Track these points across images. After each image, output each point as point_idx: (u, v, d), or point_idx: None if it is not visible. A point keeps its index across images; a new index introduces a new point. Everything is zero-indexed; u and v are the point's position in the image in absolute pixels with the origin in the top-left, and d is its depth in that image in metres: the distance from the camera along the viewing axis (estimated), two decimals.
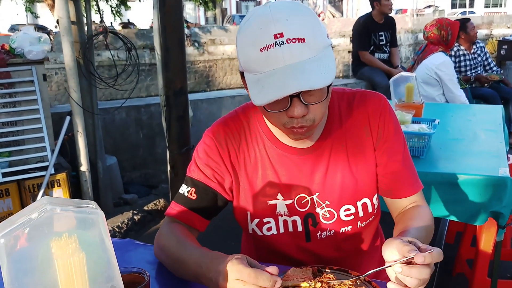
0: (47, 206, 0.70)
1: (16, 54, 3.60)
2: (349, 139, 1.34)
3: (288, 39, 1.05)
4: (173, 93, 3.77)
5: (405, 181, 1.38)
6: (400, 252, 0.99)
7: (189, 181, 1.36)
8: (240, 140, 1.35)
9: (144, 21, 28.13)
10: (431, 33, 4.26)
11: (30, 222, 0.69)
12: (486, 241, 2.45)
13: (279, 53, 1.06)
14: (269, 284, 0.94)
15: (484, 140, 2.66)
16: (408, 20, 19.61)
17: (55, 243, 0.72)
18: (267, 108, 1.14)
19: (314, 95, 1.12)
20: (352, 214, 1.36)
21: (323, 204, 1.34)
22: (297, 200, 1.34)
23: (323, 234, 1.38)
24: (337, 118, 1.34)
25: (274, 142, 1.34)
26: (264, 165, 1.34)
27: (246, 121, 1.37)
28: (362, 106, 1.35)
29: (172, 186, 4.00)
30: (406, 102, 2.90)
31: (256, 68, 1.10)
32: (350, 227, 1.38)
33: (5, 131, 3.59)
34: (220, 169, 1.34)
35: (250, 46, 1.10)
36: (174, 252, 1.25)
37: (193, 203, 1.34)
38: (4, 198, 3.45)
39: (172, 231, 1.32)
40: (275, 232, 1.37)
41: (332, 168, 1.33)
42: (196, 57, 18.95)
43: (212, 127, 1.39)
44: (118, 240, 1.52)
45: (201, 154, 1.36)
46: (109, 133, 4.80)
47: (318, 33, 1.10)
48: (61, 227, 0.72)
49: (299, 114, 1.11)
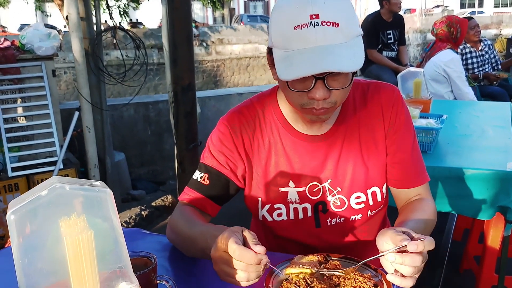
0: (57, 184, 0.71)
1: (26, 50, 3.64)
2: (362, 127, 1.36)
3: (323, 21, 1.07)
4: (181, 89, 3.78)
5: (412, 172, 1.39)
6: (393, 242, 1.00)
7: (202, 167, 1.38)
8: (255, 128, 1.37)
9: (153, 20, 28.20)
10: (440, 30, 4.24)
11: (40, 199, 0.70)
12: (493, 237, 2.44)
13: (313, 33, 1.08)
14: (253, 262, 0.95)
15: (492, 136, 2.65)
16: (417, 19, 19.54)
17: (64, 222, 0.73)
18: (291, 86, 1.15)
19: (338, 81, 1.14)
20: (362, 202, 1.37)
21: (334, 191, 1.36)
22: (309, 188, 1.36)
23: (333, 221, 1.39)
24: (351, 107, 1.36)
25: (288, 130, 1.35)
26: (277, 152, 1.36)
27: (261, 109, 1.38)
28: (376, 96, 1.37)
29: (180, 182, 4.02)
30: (414, 97, 2.89)
31: (287, 45, 1.12)
32: (360, 215, 1.39)
33: (15, 126, 3.62)
34: (233, 156, 1.36)
35: (284, 23, 1.11)
36: (184, 231, 1.28)
37: (206, 188, 1.36)
38: (14, 193, 3.49)
39: (183, 213, 1.35)
40: (285, 218, 1.39)
41: (345, 156, 1.35)
42: (204, 56, 18.98)
43: (227, 115, 1.40)
44: (126, 229, 1.52)
45: (215, 141, 1.37)
46: (117, 130, 4.83)
47: (352, 20, 1.12)
48: (70, 205, 0.73)
49: (321, 96, 1.13)
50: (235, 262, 0.96)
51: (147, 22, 27.87)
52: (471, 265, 2.92)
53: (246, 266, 0.96)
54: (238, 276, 0.97)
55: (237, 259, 0.96)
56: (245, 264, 0.96)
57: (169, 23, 3.63)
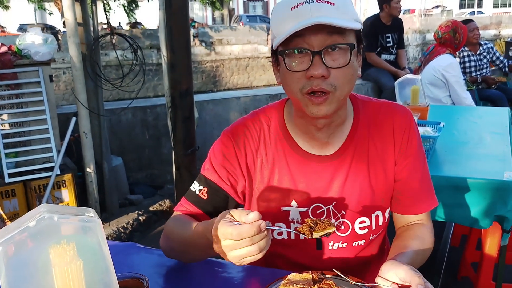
0: (45, 214, 0.70)
1: (23, 55, 3.62)
2: (371, 150, 1.32)
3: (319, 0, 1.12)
4: (179, 94, 3.77)
5: (420, 199, 1.36)
6: (407, 278, 0.99)
7: (202, 180, 1.35)
8: (259, 143, 1.33)
9: (152, 21, 28.17)
10: (446, 34, 4.23)
11: (27, 230, 0.69)
12: (491, 244, 2.43)
13: (307, 8, 1.11)
14: (254, 232, 0.94)
15: (490, 143, 2.65)
16: (416, 20, 19.52)
17: (53, 250, 0.73)
18: (289, 67, 1.16)
19: (336, 59, 1.14)
20: (366, 227, 1.34)
21: (338, 214, 1.32)
22: (312, 209, 1.32)
23: (335, 245, 1.36)
24: (361, 126, 1.33)
25: (294, 148, 1.32)
26: (281, 170, 1.32)
27: (266, 123, 1.35)
28: (389, 119, 1.33)
29: (178, 187, 4.01)
30: (412, 104, 2.89)
31: (283, 27, 1.14)
32: (363, 241, 1.37)
33: (12, 132, 3.61)
34: (235, 172, 1.33)
35: (283, 8, 1.16)
36: (181, 235, 1.25)
37: (203, 203, 1.34)
38: (10, 199, 3.48)
39: (177, 218, 1.33)
40: (286, 237, 1.35)
41: (352, 178, 1.31)
42: (203, 57, 18.96)
43: (231, 126, 1.37)
44: (120, 243, 1.52)
45: (217, 153, 1.34)
46: (115, 134, 4.82)
47: (349, 4, 1.16)
48: (58, 235, 0.72)
49: (319, 73, 1.12)
50: (238, 243, 0.95)
51: (146, 22, 27.85)
52: (468, 272, 2.92)
53: (251, 239, 0.95)
54: (249, 252, 0.96)
55: (237, 238, 0.95)
56: (248, 239, 0.95)
57: (166, 28, 3.62)
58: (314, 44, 1.12)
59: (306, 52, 1.13)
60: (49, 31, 20.47)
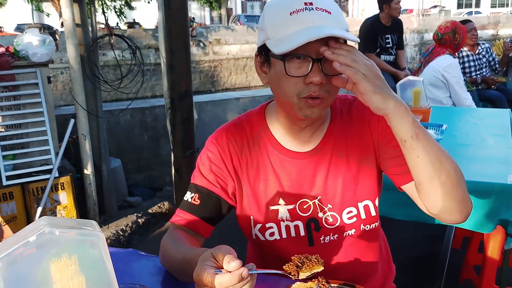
0: (46, 228, 0.68)
1: (21, 56, 3.59)
2: (349, 141, 1.35)
3: (317, 7, 1.14)
4: (178, 95, 3.75)
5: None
6: None
7: (192, 188, 1.37)
8: (243, 146, 1.37)
9: (150, 20, 28.16)
10: (446, 35, 4.22)
11: (28, 245, 0.67)
12: (493, 248, 2.41)
13: (309, 15, 1.13)
14: (235, 281, 0.92)
15: (492, 146, 2.63)
16: (414, 20, 19.55)
17: (54, 265, 0.70)
18: (288, 71, 1.15)
19: (332, 68, 1.13)
20: (354, 216, 1.35)
21: (325, 208, 1.35)
22: (299, 205, 1.35)
23: (327, 238, 1.37)
24: (338, 121, 1.37)
25: (277, 148, 1.35)
26: (266, 171, 1.35)
27: (249, 127, 1.39)
28: (361, 108, 1.35)
29: (177, 189, 3.98)
30: (413, 106, 2.86)
31: (283, 31, 1.15)
32: (353, 230, 1.37)
33: (10, 134, 3.58)
34: (223, 174, 1.35)
35: (279, 11, 1.17)
36: (173, 258, 1.25)
37: (197, 208, 1.35)
38: (8, 201, 3.44)
39: (173, 237, 1.33)
40: (278, 237, 1.37)
41: (333, 171, 1.34)
42: (201, 57, 18.97)
43: (215, 133, 1.40)
44: (121, 250, 1.50)
45: (204, 160, 1.37)
46: (114, 135, 4.79)
47: (341, 14, 1.20)
48: (60, 249, 0.70)
49: (318, 80, 1.14)
50: None
51: (144, 22, 27.83)
52: (470, 275, 2.90)
53: None
54: None
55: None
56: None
57: (165, 30, 3.60)
58: (314, 52, 1.14)
59: (306, 58, 1.15)
60: (47, 31, 20.42)
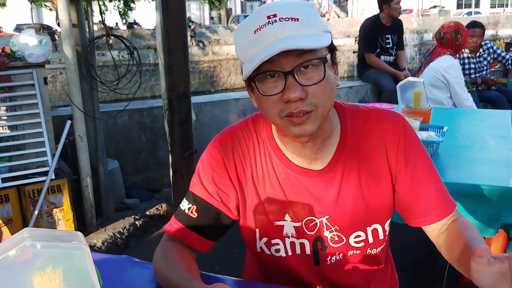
0: (27, 242, 0.64)
1: (17, 57, 3.55)
2: (362, 161, 1.24)
3: (281, 18, 1.04)
4: (176, 97, 3.71)
5: (439, 203, 1.26)
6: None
7: (190, 197, 1.29)
8: (249, 153, 1.26)
9: (149, 21, 28.12)
10: (448, 35, 4.18)
11: (7, 259, 0.63)
12: (495, 251, 2.36)
13: (271, 30, 1.04)
14: None
15: (494, 148, 2.59)
16: (414, 20, 19.55)
17: (37, 279, 0.67)
18: (264, 92, 1.08)
19: (311, 77, 1.07)
20: (362, 241, 1.28)
21: (332, 228, 1.26)
22: (305, 222, 1.26)
23: (333, 258, 1.30)
24: (350, 138, 1.24)
25: (284, 161, 1.24)
26: (271, 183, 1.25)
27: (256, 132, 1.28)
28: (378, 128, 1.24)
29: (175, 191, 3.94)
30: (414, 108, 2.83)
31: (250, 53, 1.07)
32: (358, 251, 1.31)
33: (5, 136, 3.54)
34: (225, 185, 1.26)
35: (245, 32, 1.09)
36: (165, 276, 1.21)
37: (193, 221, 1.27)
38: (4, 204, 3.40)
39: (166, 252, 1.26)
40: (283, 254, 1.30)
41: (344, 192, 1.24)
42: (201, 57, 18.95)
43: (219, 136, 1.29)
44: (115, 257, 1.46)
45: (205, 166, 1.27)
46: (111, 136, 4.75)
47: (314, 16, 1.08)
48: (43, 262, 0.67)
49: (295, 96, 1.04)
50: None
51: (144, 22, 27.80)
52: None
53: None
54: None
55: None
56: None
57: (164, 31, 3.56)
58: (285, 66, 1.05)
59: (278, 74, 1.07)
60: (46, 31, 20.42)
